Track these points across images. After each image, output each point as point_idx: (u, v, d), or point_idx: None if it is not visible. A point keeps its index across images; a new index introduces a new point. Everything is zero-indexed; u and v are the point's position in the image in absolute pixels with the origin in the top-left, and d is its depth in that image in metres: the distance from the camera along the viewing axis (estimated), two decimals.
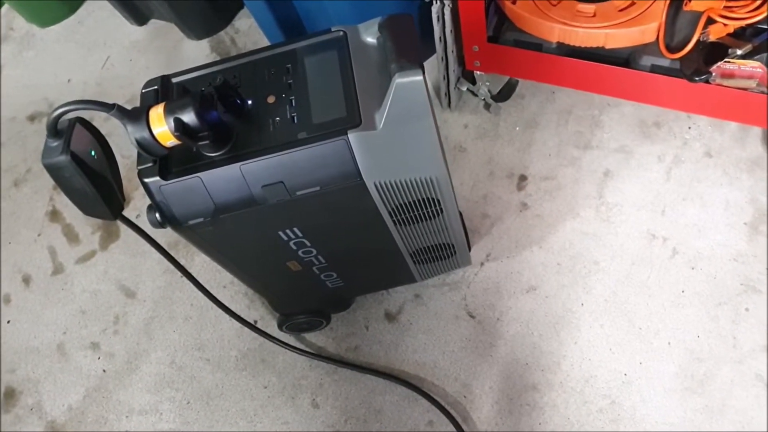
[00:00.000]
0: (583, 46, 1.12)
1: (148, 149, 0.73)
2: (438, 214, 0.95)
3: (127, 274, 1.40)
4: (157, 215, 0.80)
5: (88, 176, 0.71)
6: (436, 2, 1.17)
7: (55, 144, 0.69)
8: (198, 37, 1.65)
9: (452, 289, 1.24)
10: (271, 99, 0.81)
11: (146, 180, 0.78)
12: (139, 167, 0.78)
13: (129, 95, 1.64)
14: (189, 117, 0.71)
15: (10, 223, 1.53)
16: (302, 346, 1.24)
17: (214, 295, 1.02)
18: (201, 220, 0.82)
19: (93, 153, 0.73)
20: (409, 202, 0.89)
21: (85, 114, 0.70)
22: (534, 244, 1.25)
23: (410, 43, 0.78)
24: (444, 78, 1.34)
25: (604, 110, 1.34)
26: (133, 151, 0.75)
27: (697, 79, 1.04)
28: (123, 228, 1.35)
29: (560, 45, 1.14)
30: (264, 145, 0.77)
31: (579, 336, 1.16)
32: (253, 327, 1.16)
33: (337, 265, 1.05)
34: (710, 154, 1.26)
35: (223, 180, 0.78)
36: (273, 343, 1.22)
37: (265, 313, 1.29)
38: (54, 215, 1.53)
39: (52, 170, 0.70)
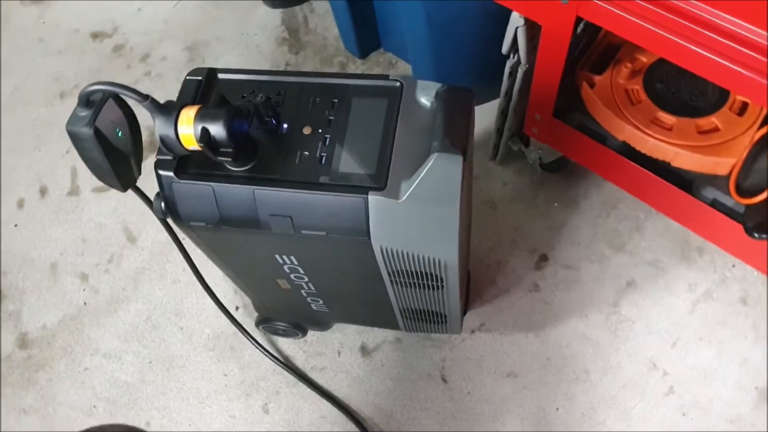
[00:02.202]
0: (648, 155, 1.02)
1: (170, 147, 0.70)
2: (438, 289, 0.88)
3: (135, 219, 1.38)
4: (163, 205, 0.78)
5: (106, 152, 0.69)
6: (513, 56, 1.08)
7: (83, 114, 0.67)
8: (273, 5, 1.59)
9: (434, 346, 1.18)
10: (307, 130, 0.76)
11: (161, 172, 0.75)
12: (158, 156, 0.74)
13: (189, 42, 1.59)
14: (217, 130, 0.67)
15: (45, 132, 1.52)
16: (272, 350, 1.20)
17: (203, 274, 0.98)
18: (203, 224, 0.78)
19: (119, 132, 0.71)
20: (412, 272, 0.83)
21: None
22: (532, 330, 1.17)
23: (462, 122, 0.71)
24: (498, 130, 1.25)
25: (650, 216, 1.24)
26: None
27: (756, 235, 0.93)
28: (144, 175, 1.34)
29: (625, 144, 1.04)
30: (284, 176, 0.73)
31: None
32: (229, 315, 1.12)
33: (325, 295, 1.00)
34: (746, 301, 1.15)
35: (234, 197, 0.75)
36: (245, 336, 1.19)
37: (249, 303, 1.26)
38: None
39: (73, 138, 0.68)
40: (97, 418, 1.19)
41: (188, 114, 0.68)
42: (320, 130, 0.75)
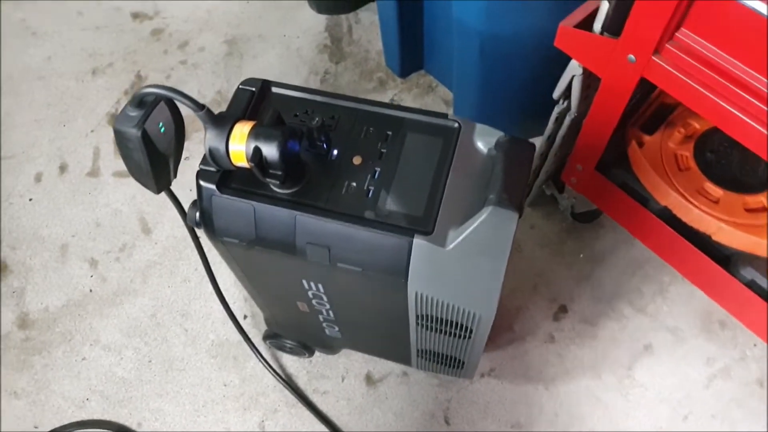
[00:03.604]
0: (690, 224, 0.98)
1: (217, 160, 0.67)
2: (465, 338, 0.84)
3: (152, 210, 1.33)
4: (197, 216, 0.74)
5: (149, 155, 0.66)
6: (563, 102, 1.04)
7: (134, 114, 0.64)
8: (319, 10, 1.55)
9: (441, 385, 1.14)
10: (357, 160, 0.72)
11: (203, 183, 0.71)
12: (202, 166, 0.71)
13: (230, 36, 1.55)
14: (270, 151, 0.64)
15: (72, 107, 1.48)
16: (276, 365, 1.16)
17: (216, 276, 0.95)
18: (236, 242, 0.75)
19: (162, 129, 0.67)
20: (442, 319, 0.79)
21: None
22: (542, 382, 1.13)
23: (522, 178, 0.67)
24: (534, 170, 1.21)
25: (675, 281, 1.20)
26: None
27: None
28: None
29: (666, 210, 1.00)
30: (328, 205, 0.69)
31: None
32: (237, 323, 1.08)
33: (343, 324, 0.96)
34: (763, 383, 1.11)
35: (274, 219, 0.71)
36: (250, 348, 1.15)
37: (258, 313, 1.22)
38: (113, 118, 1.47)
39: (120, 137, 0.65)
40: (88, 411, 1.14)
41: (242, 130, 0.65)
42: (370, 162, 0.71)
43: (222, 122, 0.65)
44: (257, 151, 0.64)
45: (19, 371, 1.19)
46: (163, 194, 0.74)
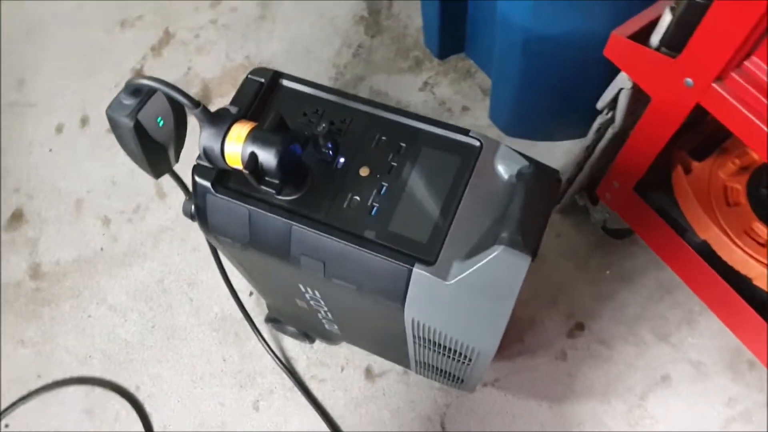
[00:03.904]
0: (730, 264, 0.89)
1: (212, 160, 0.62)
2: (464, 364, 0.79)
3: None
4: (192, 209, 0.70)
5: (143, 144, 0.62)
6: (607, 113, 0.95)
7: (127, 102, 0.59)
8: None
9: (441, 389, 1.10)
10: (364, 171, 0.66)
11: (198, 180, 0.67)
12: (199, 161, 0.66)
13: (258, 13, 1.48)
14: (267, 158, 0.59)
15: (99, 59, 1.44)
16: (276, 347, 1.14)
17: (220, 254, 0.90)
18: (230, 241, 0.71)
19: (160, 122, 0.63)
20: (441, 344, 0.74)
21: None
22: (547, 400, 1.08)
23: (541, 219, 0.61)
24: (568, 179, 1.13)
25: (706, 312, 1.10)
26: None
27: None
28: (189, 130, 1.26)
29: (705, 244, 0.92)
30: (327, 218, 0.64)
31: None
32: (239, 303, 1.05)
33: (341, 324, 0.92)
34: None
35: (270, 226, 0.66)
36: (251, 328, 1.12)
37: None
38: (137, 74, 1.43)
39: (112, 123, 0.61)
40: (90, 368, 1.15)
41: (239, 132, 0.60)
42: (378, 176, 0.65)
43: (219, 121, 0.61)
44: (253, 156, 0.59)
45: (28, 321, 1.20)
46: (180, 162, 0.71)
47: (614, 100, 0.90)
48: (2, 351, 1.18)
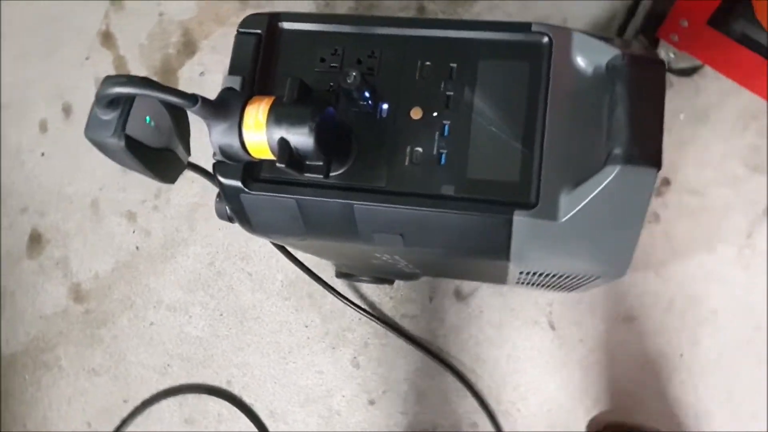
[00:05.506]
0: None
1: (234, 157, 0.50)
2: (587, 282, 0.69)
3: None
4: (227, 210, 0.59)
5: (143, 158, 0.50)
6: None
7: (107, 118, 0.47)
8: None
9: (539, 290, 1.02)
10: (416, 113, 0.53)
11: (224, 181, 0.54)
12: (217, 158, 0.53)
13: None
14: (302, 141, 0.46)
15: (56, 32, 1.25)
16: (355, 298, 1.05)
17: None
18: (282, 237, 0.59)
19: (152, 123, 0.50)
20: (558, 277, 0.64)
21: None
22: (652, 267, 1.00)
23: (656, 116, 0.49)
24: (619, 23, 0.98)
25: None
26: None
27: None
28: (183, 82, 1.09)
29: None
30: (391, 184, 0.52)
31: (667, 389, 0.98)
32: (302, 267, 0.96)
33: (424, 267, 0.82)
34: None
35: (326, 211, 0.55)
36: (324, 288, 1.02)
37: None
38: (106, 38, 1.24)
39: (98, 148, 0.49)
40: (173, 377, 1.08)
41: (256, 116, 0.47)
42: (435, 114, 0.53)
43: (226, 111, 0.48)
44: (284, 144, 0.46)
45: (91, 347, 1.11)
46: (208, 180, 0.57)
47: None
48: (78, 386, 1.10)
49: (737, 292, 0.99)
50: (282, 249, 0.97)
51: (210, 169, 0.72)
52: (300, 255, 1.00)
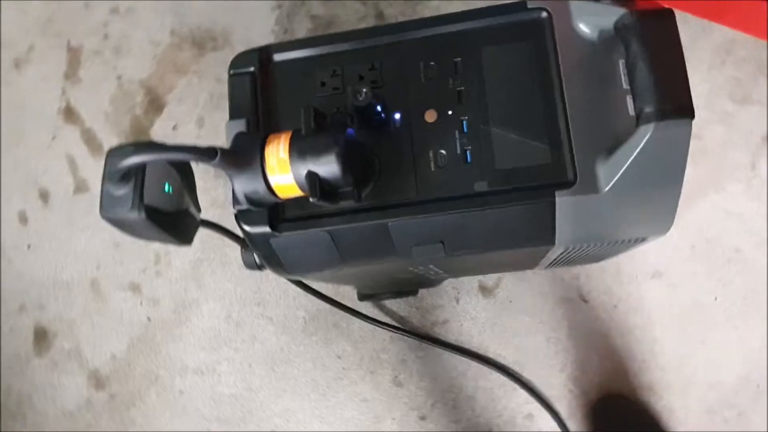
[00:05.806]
0: None
1: (259, 203, 0.48)
2: (632, 245, 0.68)
3: None
4: (256, 259, 0.58)
5: (164, 225, 0.48)
6: None
7: (121, 193, 0.44)
8: None
9: (562, 267, 1.01)
10: (430, 116, 0.52)
11: (250, 230, 0.52)
12: (239, 207, 0.51)
13: None
14: (330, 170, 0.45)
15: (16, 119, 1.21)
16: (382, 316, 1.02)
17: None
18: (319, 272, 0.57)
19: (169, 189, 0.49)
20: (597, 246, 0.63)
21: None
22: None
23: (678, 65, 0.48)
24: None
25: None
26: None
27: None
28: (158, 139, 1.06)
29: None
30: (423, 195, 0.51)
31: (707, 335, 0.97)
32: (322, 297, 0.94)
33: (454, 270, 0.80)
34: None
35: (361, 236, 0.53)
36: (349, 314, 1.00)
37: None
38: (69, 114, 1.20)
39: (118, 225, 0.47)
40: None
41: (278, 155, 0.45)
42: (450, 112, 0.52)
43: (245, 156, 0.45)
44: (312, 177, 0.44)
45: None
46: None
47: None
48: None
49: (755, 225, 0.99)
50: (300, 284, 0.94)
51: (214, 221, 0.71)
52: (317, 285, 0.98)
